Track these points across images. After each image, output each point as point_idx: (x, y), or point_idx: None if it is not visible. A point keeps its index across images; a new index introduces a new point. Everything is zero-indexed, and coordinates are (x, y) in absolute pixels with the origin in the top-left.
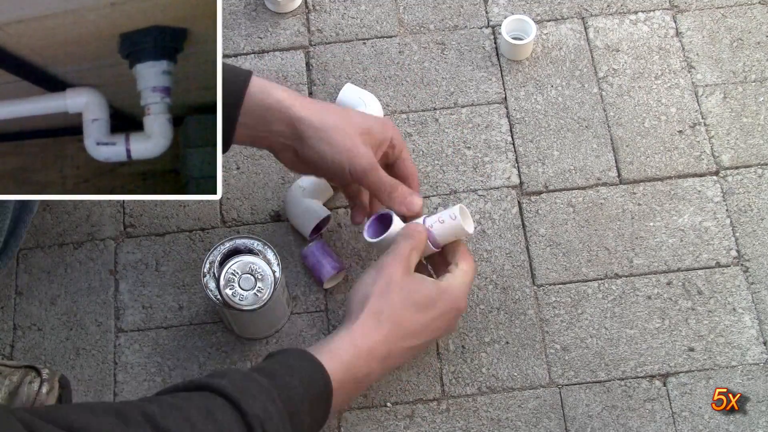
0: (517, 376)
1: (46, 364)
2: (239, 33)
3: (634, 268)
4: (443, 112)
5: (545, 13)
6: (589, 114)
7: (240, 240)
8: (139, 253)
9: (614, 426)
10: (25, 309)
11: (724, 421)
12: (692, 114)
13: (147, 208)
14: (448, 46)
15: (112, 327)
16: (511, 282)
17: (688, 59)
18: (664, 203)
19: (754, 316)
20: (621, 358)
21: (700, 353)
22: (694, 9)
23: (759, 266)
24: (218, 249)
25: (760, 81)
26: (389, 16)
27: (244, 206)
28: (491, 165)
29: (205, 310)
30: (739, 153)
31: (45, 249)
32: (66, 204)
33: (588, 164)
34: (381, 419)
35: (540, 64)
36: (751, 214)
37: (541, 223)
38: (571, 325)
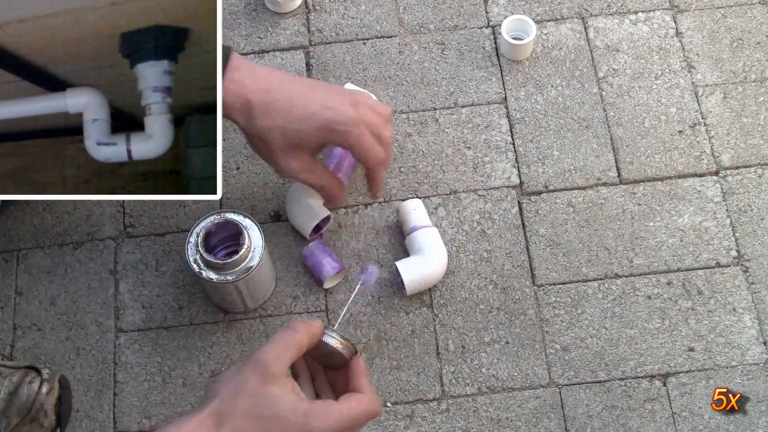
0: (517, 376)
1: (46, 364)
2: (239, 33)
3: (634, 268)
4: (443, 112)
5: (545, 13)
6: (589, 114)
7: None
8: (139, 253)
9: (614, 426)
10: (25, 309)
11: (724, 421)
12: (692, 114)
13: (147, 208)
14: (448, 46)
15: (112, 327)
16: (511, 282)
17: (688, 59)
18: (664, 203)
19: (754, 316)
20: (621, 358)
21: (700, 353)
22: (694, 9)
23: (759, 266)
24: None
25: (760, 81)
26: (389, 16)
27: (244, 206)
28: (491, 165)
29: (205, 311)
30: (739, 153)
31: (45, 249)
32: (66, 204)
33: (588, 164)
34: (381, 419)
35: (540, 64)
36: (751, 214)
37: (541, 223)
38: (571, 325)
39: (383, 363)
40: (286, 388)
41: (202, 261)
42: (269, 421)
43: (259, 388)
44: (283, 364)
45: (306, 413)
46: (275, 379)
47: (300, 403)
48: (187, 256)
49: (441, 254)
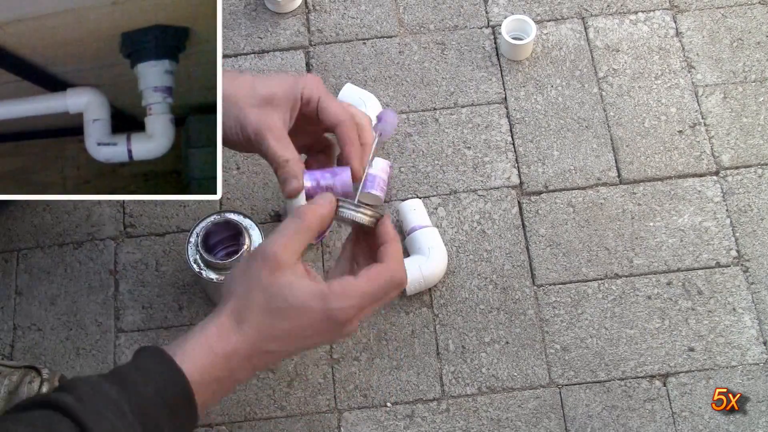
0: (517, 376)
1: (46, 364)
2: (239, 33)
3: (634, 268)
4: (443, 112)
5: (545, 13)
6: (589, 114)
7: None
8: (139, 253)
9: (614, 426)
10: (25, 309)
11: (724, 421)
12: (692, 114)
13: (147, 208)
14: (448, 46)
15: (112, 327)
16: (511, 282)
17: (688, 59)
18: (664, 203)
19: (754, 316)
20: (621, 358)
21: (700, 353)
22: (694, 9)
23: (759, 266)
24: (200, 225)
25: (760, 81)
26: (389, 16)
27: (244, 206)
28: (491, 165)
29: (205, 311)
30: (739, 153)
31: (45, 249)
32: (66, 204)
33: (588, 164)
34: (381, 419)
35: (540, 64)
36: (751, 214)
37: (541, 223)
38: (571, 325)
39: (383, 363)
40: (298, 274)
41: (202, 261)
42: (288, 311)
43: (271, 280)
44: (293, 253)
45: (323, 296)
46: (286, 267)
47: (315, 286)
48: (187, 256)
49: (441, 254)
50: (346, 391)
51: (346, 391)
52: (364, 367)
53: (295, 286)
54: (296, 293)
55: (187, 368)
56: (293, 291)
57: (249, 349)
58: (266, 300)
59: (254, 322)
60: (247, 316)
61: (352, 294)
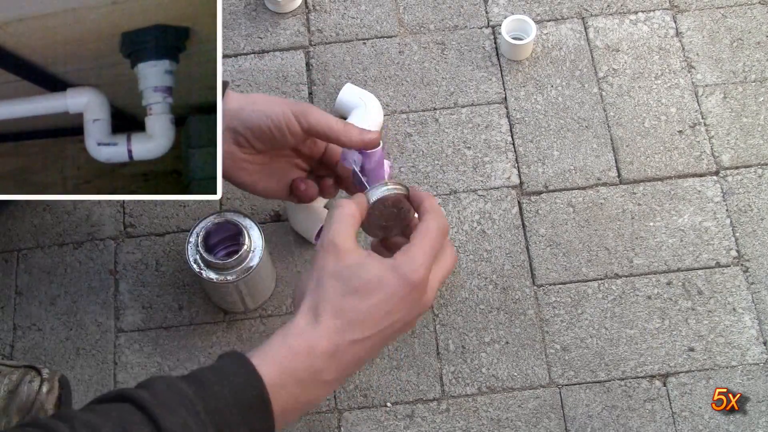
0: (517, 376)
1: (46, 363)
2: (239, 33)
3: (634, 268)
4: (443, 112)
5: (545, 13)
6: (589, 114)
7: (218, 217)
8: (139, 253)
9: (614, 426)
10: (25, 309)
11: (724, 421)
12: (692, 114)
13: (147, 208)
14: (448, 46)
15: (112, 327)
16: (511, 282)
17: (688, 59)
18: (664, 203)
19: (754, 316)
20: (621, 358)
21: (700, 353)
22: (694, 9)
23: (759, 266)
24: (201, 225)
25: (760, 81)
26: (389, 16)
27: (244, 206)
28: (491, 165)
29: (205, 311)
30: (739, 153)
31: (45, 249)
32: (66, 204)
33: (588, 164)
34: (381, 419)
35: (540, 64)
36: (751, 214)
37: (541, 223)
38: (571, 325)
39: (383, 363)
40: (363, 255)
41: (202, 261)
42: (364, 288)
43: (339, 266)
44: (349, 237)
45: (395, 267)
46: (349, 251)
47: (384, 262)
48: (187, 256)
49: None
50: (346, 391)
51: (346, 390)
52: (364, 366)
53: (365, 264)
54: (369, 268)
55: (266, 370)
56: (365, 267)
57: (330, 342)
58: (340, 285)
59: (331, 311)
60: (324, 308)
61: (417, 254)
